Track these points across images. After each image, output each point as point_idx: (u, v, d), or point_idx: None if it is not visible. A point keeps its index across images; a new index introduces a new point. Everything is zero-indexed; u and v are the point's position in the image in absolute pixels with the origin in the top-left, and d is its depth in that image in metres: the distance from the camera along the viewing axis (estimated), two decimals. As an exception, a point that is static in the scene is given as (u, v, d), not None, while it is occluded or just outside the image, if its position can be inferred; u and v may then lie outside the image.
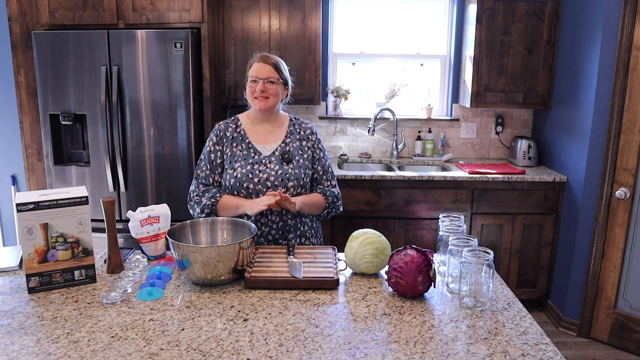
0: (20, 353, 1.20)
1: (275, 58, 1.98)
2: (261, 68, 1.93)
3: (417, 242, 3.30)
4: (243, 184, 1.91)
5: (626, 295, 2.96)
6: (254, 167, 1.93)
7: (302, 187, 1.96)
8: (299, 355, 1.20)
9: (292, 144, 2.00)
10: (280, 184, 1.92)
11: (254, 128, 2.02)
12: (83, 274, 1.59)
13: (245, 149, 1.98)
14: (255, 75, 1.93)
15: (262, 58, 1.95)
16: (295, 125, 2.06)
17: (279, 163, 1.95)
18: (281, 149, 1.98)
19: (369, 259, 1.63)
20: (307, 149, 2.02)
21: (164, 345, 1.24)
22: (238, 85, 3.46)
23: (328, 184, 2.05)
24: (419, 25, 3.85)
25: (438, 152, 3.87)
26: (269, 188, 1.91)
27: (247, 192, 1.92)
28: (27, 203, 1.48)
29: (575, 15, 3.19)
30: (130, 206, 3.11)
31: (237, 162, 1.95)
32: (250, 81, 1.94)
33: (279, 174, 1.92)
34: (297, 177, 1.94)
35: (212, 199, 1.94)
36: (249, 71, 1.96)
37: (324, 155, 2.06)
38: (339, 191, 2.07)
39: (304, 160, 1.99)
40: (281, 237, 1.96)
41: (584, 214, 3.07)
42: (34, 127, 3.30)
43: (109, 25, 3.08)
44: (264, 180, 1.91)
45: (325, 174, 2.05)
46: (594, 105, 2.96)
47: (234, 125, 2.03)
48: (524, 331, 1.33)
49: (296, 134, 2.03)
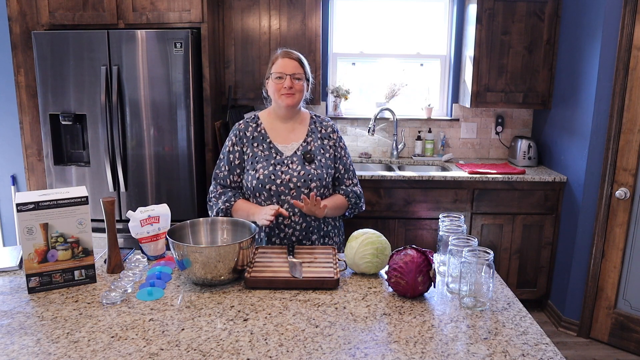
0: (20, 353, 1.20)
1: (298, 53, 1.94)
2: (287, 64, 1.89)
3: (417, 242, 3.30)
4: (265, 185, 1.89)
5: (626, 295, 2.96)
6: (276, 168, 1.90)
7: (324, 188, 1.94)
8: (299, 355, 1.20)
9: (313, 143, 1.97)
10: (302, 185, 1.89)
11: (275, 127, 1.99)
12: (83, 274, 1.59)
13: (267, 149, 1.94)
14: (282, 71, 1.88)
15: (286, 54, 1.91)
16: (316, 123, 2.02)
17: (301, 163, 1.92)
18: (303, 149, 1.95)
19: (369, 259, 1.63)
20: (329, 147, 1.99)
21: (164, 345, 1.24)
22: (238, 85, 3.46)
23: (350, 182, 2.03)
24: (419, 25, 3.85)
25: (438, 152, 3.87)
26: (291, 189, 1.89)
27: (269, 193, 1.89)
28: (27, 203, 1.48)
29: (575, 15, 3.19)
30: (130, 206, 3.11)
31: (258, 162, 1.92)
32: (275, 78, 1.90)
33: (301, 175, 1.90)
34: (319, 177, 1.91)
35: (227, 202, 1.92)
36: (272, 67, 1.92)
37: (345, 153, 2.03)
38: (360, 190, 2.05)
39: (326, 160, 1.96)
40: (305, 237, 1.94)
41: (584, 214, 3.07)
42: (34, 127, 3.30)
43: (109, 25, 3.08)
44: (287, 181, 1.89)
45: (347, 172, 2.02)
46: (594, 105, 2.96)
47: (254, 124, 1.99)
48: (524, 331, 1.33)
49: (317, 132, 2.00)
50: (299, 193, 1.89)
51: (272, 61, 1.93)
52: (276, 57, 1.92)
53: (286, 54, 1.91)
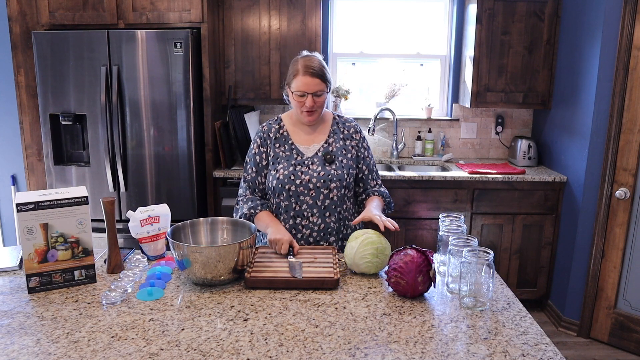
0: (20, 353, 1.20)
1: (319, 64, 1.86)
2: (309, 82, 1.83)
3: (417, 242, 3.30)
4: (285, 186, 1.88)
5: (626, 295, 2.96)
6: (296, 169, 1.90)
7: (345, 188, 1.93)
8: (299, 355, 1.20)
9: (335, 143, 1.96)
10: (322, 185, 1.89)
11: (297, 129, 1.98)
12: (83, 274, 1.59)
13: (288, 149, 1.94)
14: (304, 90, 1.84)
15: (307, 70, 1.83)
16: (338, 124, 2.01)
17: (322, 164, 1.91)
18: (324, 149, 1.94)
19: (369, 259, 1.63)
20: (351, 148, 1.98)
21: (164, 345, 1.24)
22: (238, 85, 3.46)
23: (374, 183, 2.03)
24: (419, 25, 3.85)
25: (438, 152, 3.87)
26: (310, 190, 1.88)
27: (288, 194, 1.89)
28: (27, 203, 1.48)
29: (575, 15, 3.19)
30: (130, 206, 3.11)
31: (279, 163, 1.92)
32: (297, 95, 1.86)
33: (321, 176, 1.89)
34: (339, 178, 1.91)
35: (252, 209, 1.91)
36: (293, 81, 1.86)
37: (368, 154, 2.02)
38: (385, 188, 2.06)
39: (348, 160, 1.95)
40: (322, 238, 1.93)
41: (584, 214, 3.07)
42: (34, 127, 3.30)
43: (109, 25, 3.08)
44: (306, 182, 1.88)
45: (371, 173, 2.02)
46: (594, 105, 2.96)
47: (277, 126, 1.98)
48: (524, 331, 1.33)
49: (339, 132, 1.99)
50: (318, 194, 1.89)
51: (293, 73, 1.86)
52: (297, 70, 1.85)
53: (307, 70, 1.83)
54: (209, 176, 3.27)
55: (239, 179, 3.26)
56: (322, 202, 1.90)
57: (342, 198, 1.94)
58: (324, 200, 1.90)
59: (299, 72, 1.84)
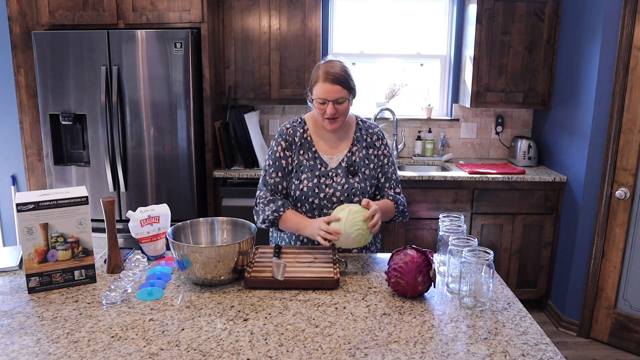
0: (20, 353, 1.20)
1: (340, 70, 1.80)
2: (329, 90, 1.77)
3: (417, 242, 3.30)
4: (308, 198, 1.85)
5: (626, 295, 2.96)
6: (320, 181, 1.86)
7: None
8: (299, 355, 1.20)
9: (358, 153, 1.91)
10: (345, 199, 1.86)
11: (321, 135, 1.92)
12: (83, 274, 1.59)
13: (312, 158, 1.89)
14: (324, 97, 1.78)
15: (327, 77, 1.77)
16: (362, 130, 1.96)
17: (345, 176, 1.87)
18: (347, 159, 1.90)
19: (360, 225, 1.63)
20: (374, 157, 1.94)
21: (164, 345, 1.24)
22: (238, 85, 3.46)
23: (392, 192, 1.95)
24: (419, 25, 3.85)
25: (438, 152, 3.87)
26: (334, 203, 1.85)
27: (311, 206, 1.87)
28: (27, 203, 1.48)
29: (575, 15, 3.19)
30: (130, 206, 3.11)
31: (303, 172, 1.87)
32: (318, 102, 1.80)
33: (345, 189, 1.86)
34: (362, 191, 1.88)
35: (276, 213, 1.84)
36: (314, 88, 1.81)
37: (388, 161, 1.96)
38: (404, 198, 1.98)
39: (370, 171, 1.91)
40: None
41: (584, 214, 3.07)
42: (34, 127, 3.30)
43: (109, 25, 3.08)
44: (330, 195, 1.85)
45: (388, 181, 1.95)
46: (594, 105, 2.96)
47: (301, 130, 1.92)
48: (524, 331, 1.33)
49: (362, 141, 1.94)
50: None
51: (315, 80, 1.81)
52: (318, 77, 1.80)
53: (327, 77, 1.78)
54: (209, 176, 3.27)
55: (239, 179, 3.27)
56: None
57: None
58: None
59: (320, 79, 1.79)
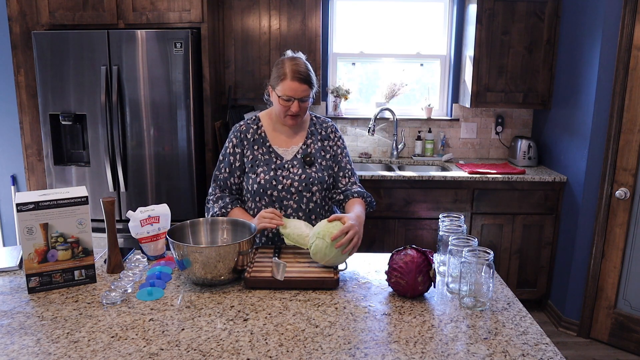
0: (20, 353, 1.20)
1: (306, 69, 1.83)
2: (297, 88, 1.80)
3: (417, 242, 3.30)
4: (267, 191, 1.87)
5: (626, 295, 2.96)
6: (277, 173, 1.88)
7: (326, 190, 1.93)
8: (299, 355, 1.20)
9: (313, 145, 1.95)
10: (304, 189, 1.88)
11: (276, 130, 1.96)
12: (83, 274, 1.59)
13: (267, 152, 1.92)
14: (291, 95, 1.80)
15: (295, 76, 1.79)
16: (316, 125, 2.00)
17: (302, 167, 1.90)
18: (303, 152, 1.93)
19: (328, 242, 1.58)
20: (329, 148, 1.97)
21: (164, 345, 1.24)
22: (238, 85, 3.46)
23: (346, 181, 1.96)
24: (419, 25, 3.85)
25: (438, 152, 3.87)
26: (293, 194, 1.87)
27: (270, 199, 1.88)
28: (27, 203, 1.48)
29: (575, 15, 3.19)
30: (130, 206, 3.11)
31: (259, 166, 1.90)
32: (283, 99, 1.82)
33: (302, 179, 1.88)
34: (320, 180, 1.90)
35: (223, 209, 1.89)
36: (279, 84, 1.81)
37: (342, 152, 1.99)
38: (363, 188, 1.98)
39: (327, 162, 1.94)
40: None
41: (583, 214, 3.07)
42: (34, 127, 3.30)
43: (109, 25, 3.08)
44: (288, 186, 1.87)
45: (342, 170, 1.97)
46: (594, 105, 2.96)
47: (254, 127, 1.96)
48: (524, 331, 1.33)
49: (317, 134, 1.98)
50: (301, 197, 1.88)
51: (280, 77, 1.82)
52: (284, 74, 1.81)
53: (295, 75, 1.79)
54: (209, 176, 3.27)
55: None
56: (307, 206, 1.90)
57: (324, 199, 1.94)
58: (308, 203, 1.90)
59: (287, 77, 1.80)
